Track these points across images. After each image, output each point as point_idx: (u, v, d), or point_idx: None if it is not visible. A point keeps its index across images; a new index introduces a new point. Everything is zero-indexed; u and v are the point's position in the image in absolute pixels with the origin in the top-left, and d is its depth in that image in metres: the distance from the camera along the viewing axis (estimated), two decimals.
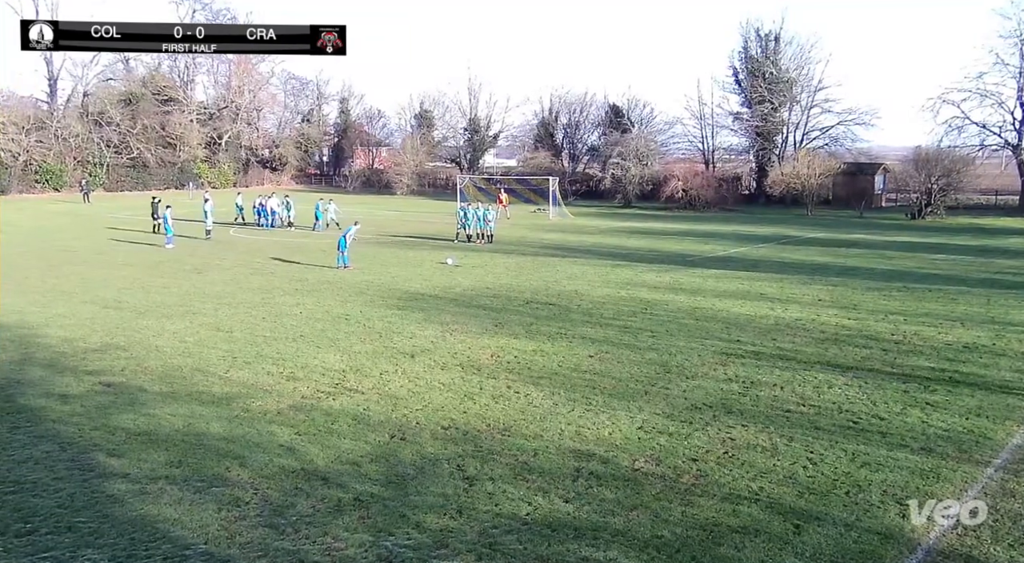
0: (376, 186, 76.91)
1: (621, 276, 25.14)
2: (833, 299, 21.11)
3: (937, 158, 51.65)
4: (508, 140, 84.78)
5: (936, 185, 50.22)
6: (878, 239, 37.78)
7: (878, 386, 13.15)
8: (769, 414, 11.80)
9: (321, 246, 33.02)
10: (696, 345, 15.93)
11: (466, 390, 12.96)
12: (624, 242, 35.96)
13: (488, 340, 16.33)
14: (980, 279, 24.97)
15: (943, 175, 50.33)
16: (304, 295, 21.49)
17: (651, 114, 72.70)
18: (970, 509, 8.65)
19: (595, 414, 11.80)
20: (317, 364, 14.47)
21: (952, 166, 50.95)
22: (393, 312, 19.24)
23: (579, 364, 14.56)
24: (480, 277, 24.86)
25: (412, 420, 11.54)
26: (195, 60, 78.77)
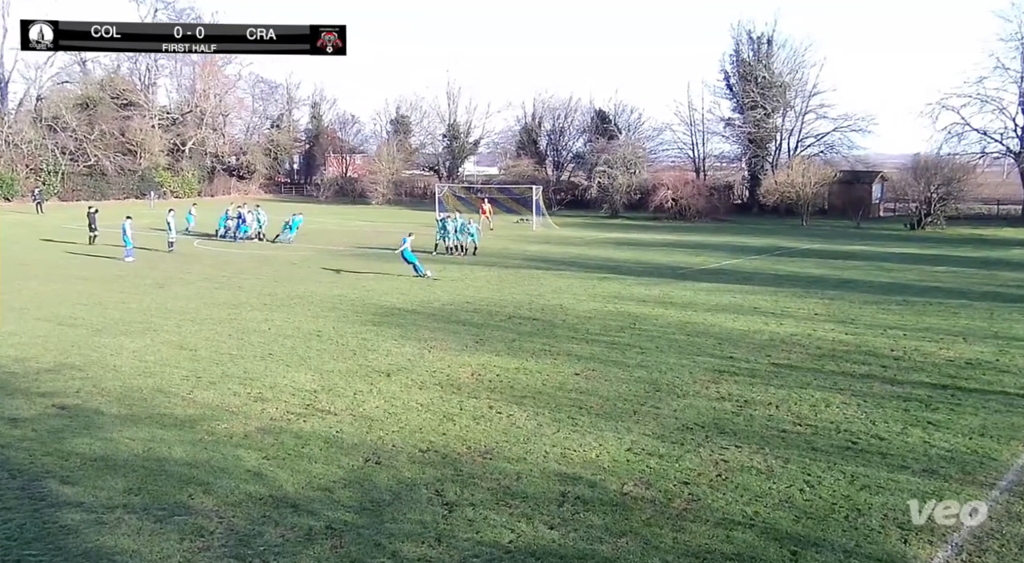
0: (350, 195, 76.84)
1: (608, 289, 25.21)
2: (830, 313, 21.27)
3: (937, 166, 52.29)
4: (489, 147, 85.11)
5: (936, 194, 50.83)
6: (876, 250, 38.16)
7: (877, 404, 13.24)
8: (764, 434, 11.84)
9: (290, 258, 32.91)
10: (687, 362, 15.98)
11: (445, 411, 12.91)
12: (611, 254, 36.09)
13: (468, 357, 16.30)
14: (983, 292, 25.25)
15: (943, 184, 50.94)
16: (273, 310, 21.37)
17: (639, 120, 73.37)
18: (970, 509, 8.99)
19: (581, 435, 11.79)
20: (287, 384, 14.37)
21: (952, 174, 51.57)
22: (368, 328, 19.17)
23: (564, 382, 14.55)
24: (460, 291, 24.84)
25: (388, 443, 11.47)
26: (157, 62, 78.60)
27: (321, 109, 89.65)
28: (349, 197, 76.32)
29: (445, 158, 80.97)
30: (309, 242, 39.44)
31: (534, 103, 77.24)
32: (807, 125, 66.71)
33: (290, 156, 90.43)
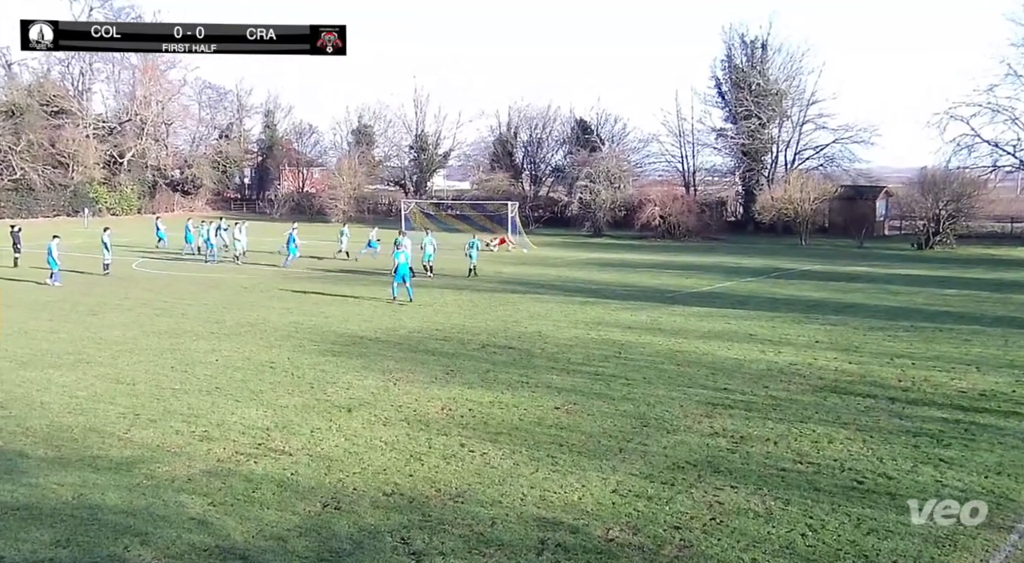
0: (307, 212, 76.63)
1: (591, 315, 25.29)
2: (832, 340, 21.46)
3: (945, 181, 53.12)
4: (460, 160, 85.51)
5: (945, 211, 51.61)
6: (881, 272, 38.64)
7: (885, 440, 13.34)
8: (762, 473, 11.89)
9: (240, 281, 32.70)
10: (678, 394, 16.03)
11: (412, 449, 12.84)
12: (594, 276, 36.22)
13: (438, 390, 16.25)
14: (996, 317, 25.61)
15: (952, 200, 51.74)
16: (221, 339, 21.21)
17: (623, 130, 74.06)
18: (970, 509, 9.59)
19: (562, 475, 11.76)
20: (236, 421, 14.24)
21: (962, 190, 52.40)
22: (327, 358, 19.07)
23: (543, 417, 14.54)
24: (429, 317, 24.80)
25: (349, 485, 11.39)
26: (92, 66, 78.31)
27: (275, 118, 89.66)
28: (306, 214, 76.06)
29: (412, 172, 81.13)
30: (258, 262, 39.23)
31: (509, 112, 77.82)
32: (805, 136, 67.68)
33: (241, 169, 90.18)
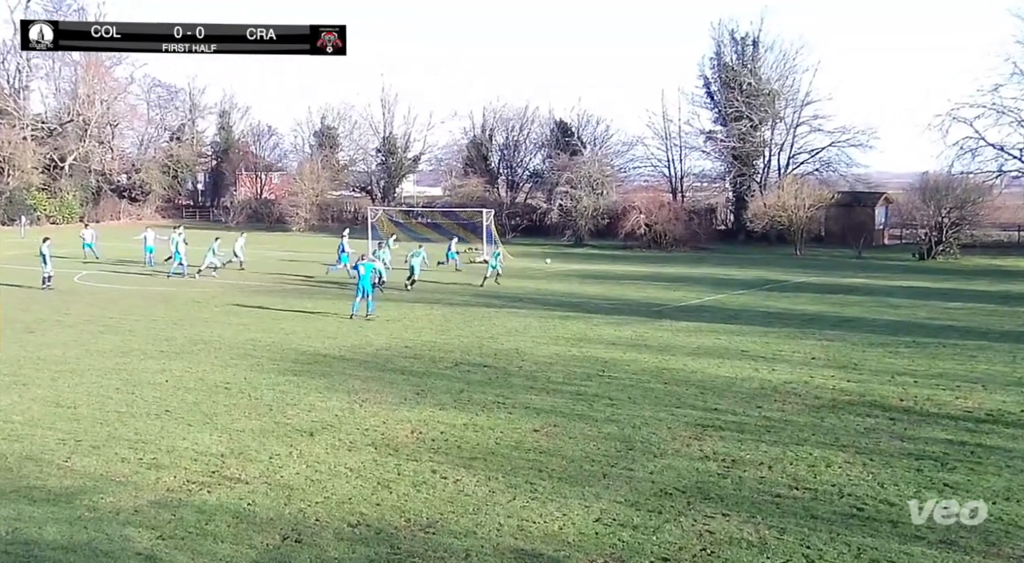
0: (266, 220, 76.30)
1: (572, 330, 25.32)
2: (829, 357, 21.60)
3: (948, 186, 53.59)
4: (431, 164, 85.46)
5: (948, 219, 52.09)
6: (881, 284, 38.95)
7: (886, 464, 13.42)
8: (755, 500, 11.92)
9: (192, 296, 32.48)
10: (665, 415, 16.06)
11: (380, 476, 12.79)
12: (575, 288, 36.29)
13: (408, 412, 16.20)
14: (1003, 332, 25.87)
15: (956, 207, 52.22)
16: (171, 358, 21.05)
17: (606, 133, 74.24)
18: (970, 509, 10.02)
19: (542, 504, 11.74)
20: (187, 447, 14.13)
21: (966, 196, 52.87)
22: (287, 378, 18.97)
23: (521, 441, 14.52)
24: (397, 333, 24.74)
25: (311, 516, 11.31)
26: (29, 62, 77.58)
27: (231, 119, 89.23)
28: (265, 222, 75.78)
29: (379, 177, 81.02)
30: (215, 277, 39.00)
31: (484, 113, 77.90)
32: (799, 139, 68.13)
33: (193, 174, 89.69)
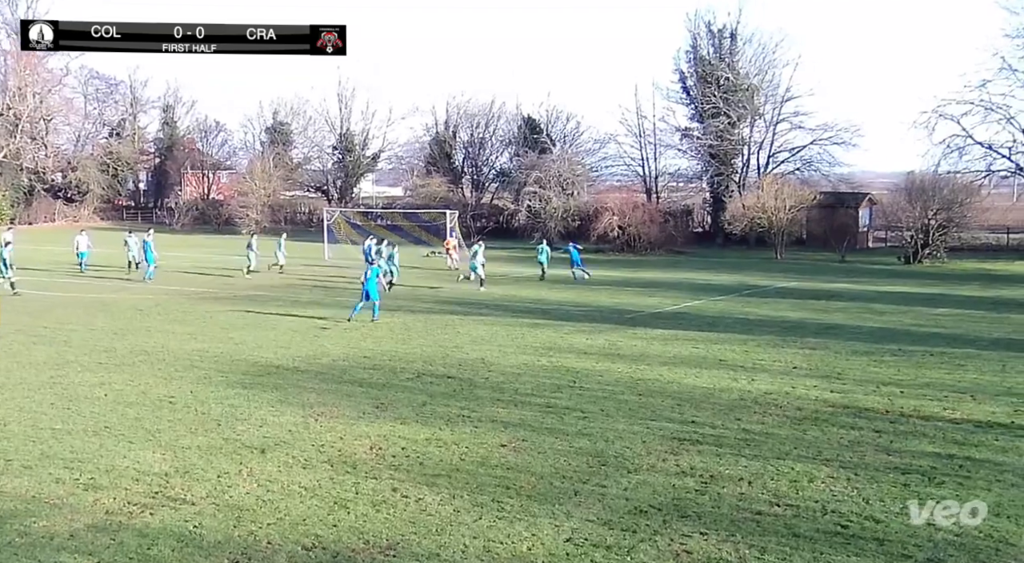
0: (213, 222, 75.81)
1: (541, 339, 25.35)
2: (811, 366, 21.77)
3: (935, 187, 54.25)
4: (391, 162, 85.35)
5: (934, 221, 52.71)
6: (865, 289, 39.30)
7: (871, 478, 13.53)
8: (735, 518, 11.97)
9: (136, 304, 32.18)
10: (639, 428, 16.10)
11: (337, 495, 12.72)
12: (544, 294, 36.32)
13: (367, 427, 16.13)
14: (992, 339, 26.19)
15: (943, 208, 52.88)
16: (111, 371, 20.84)
17: (577, 129, 74.61)
18: (970, 509, 10.61)
19: (509, 523, 11.73)
20: (128, 466, 13.97)
21: (953, 197, 53.56)
22: (236, 392, 18.83)
23: (488, 457, 14.50)
24: (356, 342, 24.65)
25: (262, 539, 11.23)
26: None
27: (176, 114, 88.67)
28: (212, 225, 75.28)
29: (336, 176, 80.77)
30: (160, 282, 38.68)
31: (447, 108, 77.95)
32: (780, 137, 68.69)
33: (135, 173, 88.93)
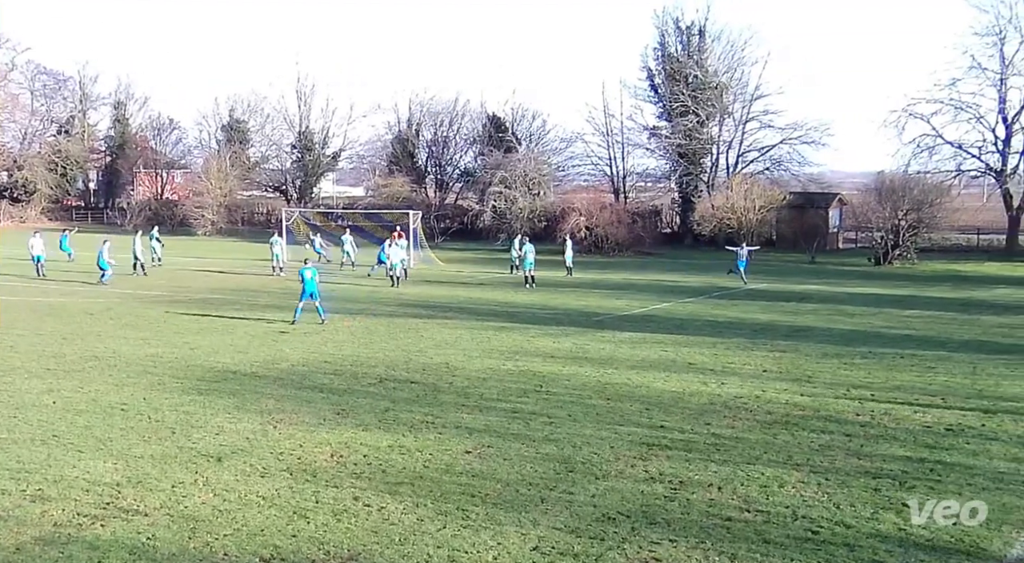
0: (168, 223, 75.15)
1: (507, 343, 25.36)
2: (781, 369, 21.94)
3: (905, 187, 54.96)
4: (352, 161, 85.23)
5: (904, 221, 53.35)
6: (835, 291, 39.70)
7: (842, 483, 13.65)
8: (704, 524, 12.03)
9: (86, 307, 31.84)
10: (608, 434, 16.14)
11: (296, 505, 12.65)
12: (510, 297, 36.36)
13: (327, 434, 16.05)
14: (963, 341, 26.55)
15: (913, 208, 53.54)
16: (60, 377, 20.60)
17: (543, 128, 74.87)
18: (970, 509, 11.21)
19: (474, 532, 11.71)
20: (78, 476, 13.81)
21: (923, 197, 54.27)
22: (192, 398, 18.68)
23: (452, 464, 14.48)
24: (316, 346, 24.53)
25: (218, 550, 11.13)
26: None
27: (127, 110, 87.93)
28: (167, 225, 74.58)
29: (295, 175, 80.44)
30: (112, 285, 38.31)
31: (410, 106, 77.93)
32: (749, 136, 69.34)
33: (85, 172, 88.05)
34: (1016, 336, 27.44)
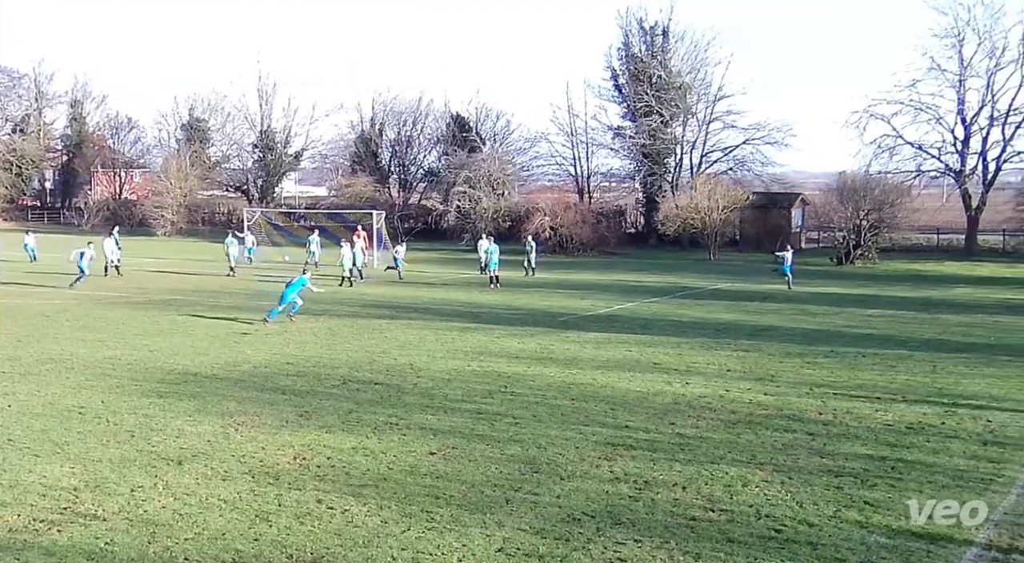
0: (126, 223, 74.34)
1: (472, 343, 25.36)
2: (745, 369, 22.10)
3: (866, 187, 55.67)
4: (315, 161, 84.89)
5: (866, 221, 53.98)
6: (798, 290, 40.02)
7: (805, 482, 13.77)
8: (669, 524, 12.09)
9: (42, 309, 31.49)
10: (572, 434, 16.18)
11: (258, 508, 12.57)
12: (474, 297, 36.36)
13: (289, 436, 15.97)
14: (924, 340, 26.89)
15: (874, 208, 54.22)
16: (16, 380, 20.36)
17: (507, 128, 75.01)
18: (970, 509, 11.63)
19: (439, 534, 11.70)
20: (34, 481, 13.65)
21: (884, 197, 55.00)
22: (151, 401, 18.52)
23: (416, 465, 14.45)
24: (278, 347, 24.40)
25: (179, 555, 11.04)
26: None
27: (84, 109, 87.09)
28: (125, 226, 73.80)
29: (256, 175, 79.97)
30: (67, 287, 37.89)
31: (373, 105, 77.76)
32: (712, 136, 69.88)
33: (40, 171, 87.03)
34: (975, 335, 27.87)
